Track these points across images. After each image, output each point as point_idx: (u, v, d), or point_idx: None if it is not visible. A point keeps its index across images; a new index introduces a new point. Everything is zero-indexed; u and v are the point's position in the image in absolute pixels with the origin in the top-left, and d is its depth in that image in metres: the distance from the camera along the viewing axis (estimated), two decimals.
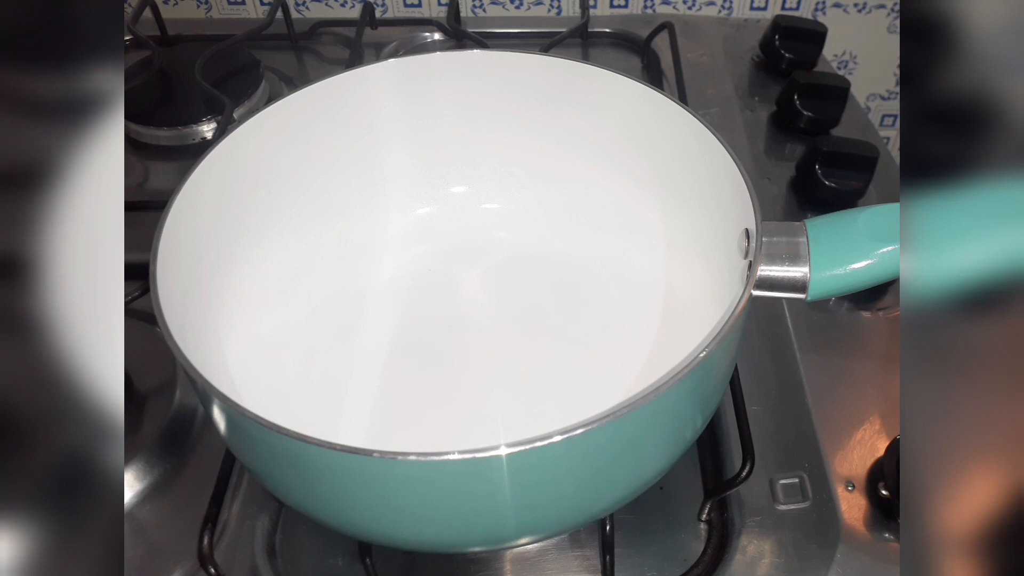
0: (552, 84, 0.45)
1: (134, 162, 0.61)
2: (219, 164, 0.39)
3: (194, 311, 0.37)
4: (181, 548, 0.38)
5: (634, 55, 0.72)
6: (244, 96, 0.64)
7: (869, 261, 0.34)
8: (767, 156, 0.60)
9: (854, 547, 0.37)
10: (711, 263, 0.41)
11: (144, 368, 0.44)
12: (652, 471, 0.34)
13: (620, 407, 0.27)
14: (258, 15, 0.80)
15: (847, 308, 0.49)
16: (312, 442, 0.26)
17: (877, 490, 0.39)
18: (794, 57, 0.67)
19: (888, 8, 0.80)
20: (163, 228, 0.35)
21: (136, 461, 0.41)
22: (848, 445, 0.41)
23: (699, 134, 0.39)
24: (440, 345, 0.45)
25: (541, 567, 0.38)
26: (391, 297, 0.47)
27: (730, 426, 0.42)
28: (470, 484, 0.28)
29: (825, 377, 0.45)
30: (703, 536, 0.39)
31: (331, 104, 0.45)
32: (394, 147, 0.49)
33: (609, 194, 0.49)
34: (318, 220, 0.48)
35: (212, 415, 0.32)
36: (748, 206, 0.35)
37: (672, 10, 0.79)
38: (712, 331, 0.31)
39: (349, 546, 0.38)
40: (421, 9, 0.79)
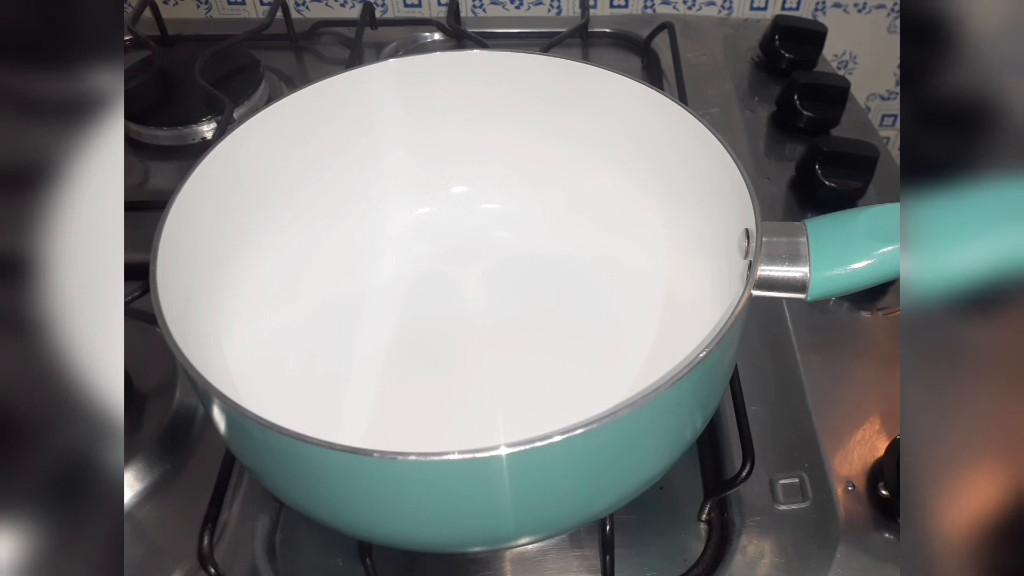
0: (552, 84, 0.45)
1: (134, 162, 0.62)
2: (219, 164, 0.39)
3: (194, 311, 0.37)
4: (181, 548, 0.38)
5: (634, 55, 0.72)
6: (244, 96, 0.64)
7: (869, 261, 0.34)
8: (767, 156, 0.60)
9: (854, 547, 0.37)
10: (711, 263, 0.41)
11: (144, 368, 0.44)
12: (652, 471, 0.34)
13: (620, 407, 0.27)
14: (258, 15, 0.80)
15: (847, 308, 0.49)
16: (312, 442, 0.26)
17: (877, 490, 0.39)
18: (794, 57, 0.67)
19: (888, 8, 0.80)
20: (163, 228, 0.35)
21: (136, 461, 0.41)
22: (848, 445, 0.41)
23: (699, 134, 0.39)
24: (440, 345, 0.45)
25: (541, 567, 0.38)
26: (391, 297, 0.47)
27: (730, 426, 0.42)
28: (470, 484, 0.28)
29: (825, 377, 0.45)
30: (703, 536, 0.39)
31: (331, 104, 0.45)
32: (394, 147, 0.49)
33: (609, 194, 0.49)
34: (318, 220, 0.48)
35: (212, 415, 0.32)
36: (748, 206, 0.35)
37: (672, 10, 0.79)
38: (712, 331, 0.31)
39: (349, 546, 0.38)
40: (421, 9, 0.79)
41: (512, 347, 0.44)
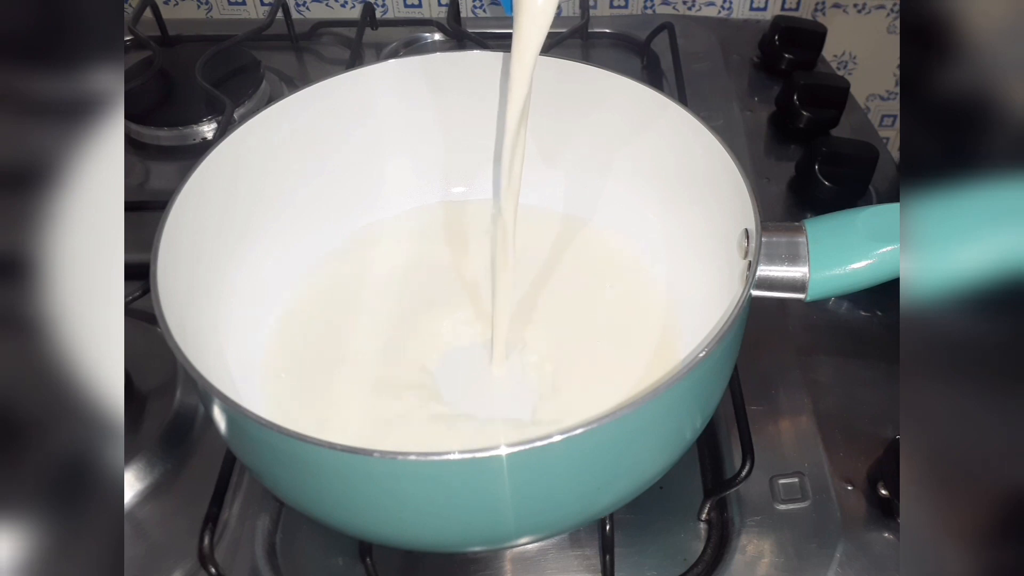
0: (552, 84, 0.45)
1: (134, 162, 0.62)
2: (219, 164, 0.39)
3: (194, 311, 0.37)
4: (181, 548, 0.38)
5: (634, 55, 0.72)
6: (245, 96, 0.64)
7: (869, 261, 0.34)
8: (767, 156, 0.60)
9: (854, 547, 0.38)
10: (711, 263, 0.41)
11: (144, 368, 0.44)
12: (652, 471, 0.34)
13: (620, 407, 0.27)
14: (258, 15, 0.80)
15: (847, 308, 0.49)
16: (312, 442, 0.27)
17: (877, 490, 0.39)
18: (794, 57, 0.67)
19: (888, 8, 0.80)
20: (163, 228, 0.35)
21: (136, 461, 0.41)
22: (848, 445, 0.41)
23: (699, 134, 0.39)
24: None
25: (541, 567, 0.38)
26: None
27: (730, 426, 0.42)
28: (470, 484, 0.28)
29: (825, 377, 0.45)
30: (703, 536, 0.39)
31: (331, 104, 0.45)
32: (394, 147, 0.49)
33: (609, 194, 0.49)
34: (318, 220, 0.48)
35: (212, 415, 0.32)
36: (748, 206, 0.35)
37: (672, 10, 0.79)
38: (712, 331, 0.31)
39: (349, 546, 0.38)
40: (421, 9, 0.79)
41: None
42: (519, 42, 0.34)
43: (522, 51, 0.34)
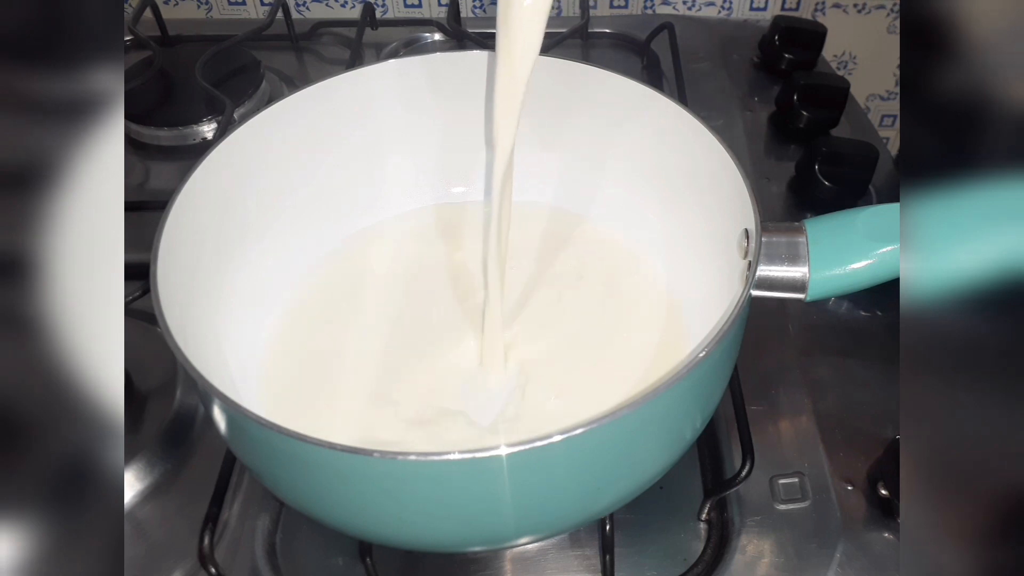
0: (552, 84, 0.45)
1: (134, 162, 0.62)
2: (220, 164, 0.39)
3: (194, 311, 0.37)
4: (181, 548, 0.38)
5: (634, 55, 0.72)
6: (245, 96, 0.64)
7: (868, 261, 0.34)
8: (767, 156, 0.60)
9: (854, 547, 0.38)
10: (711, 263, 0.41)
11: (144, 368, 0.44)
12: (652, 471, 0.34)
13: (620, 407, 0.27)
14: (258, 15, 0.80)
15: (847, 308, 0.49)
16: (312, 442, 0.27)
17: (877, 490, 0.39)
18: (794, 57, 0.67)
19: (888, 8, 0.80)
20: (163, 228, 0.35)
21: (136, 461, 0.41)
22: (848, 445, 0.41)
23: (699, 134, 0.39)
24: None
25: (541, 567, 0.38)
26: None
27: (730, 426, 0.42)
28: (470, 484, 0.28)
29: (825, 377, 0.45)
30: (703, 536, 0.39)
31: (331, 104, 0.45)
32: (394, 147, 0.49)
33: (609, 194, 0.49)
34: (318, 220, 0.48)
35: (212, 415, 0.32)
36: (748, 206, 0.35)
37: (672, 10, 0.79)
38: (712, 331, 0.31)
39: (349, 546, 0.38)
40: (421, 9, 0.79)
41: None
42: (511, 59, 0.34)
43: (513, 66, 0.34)
